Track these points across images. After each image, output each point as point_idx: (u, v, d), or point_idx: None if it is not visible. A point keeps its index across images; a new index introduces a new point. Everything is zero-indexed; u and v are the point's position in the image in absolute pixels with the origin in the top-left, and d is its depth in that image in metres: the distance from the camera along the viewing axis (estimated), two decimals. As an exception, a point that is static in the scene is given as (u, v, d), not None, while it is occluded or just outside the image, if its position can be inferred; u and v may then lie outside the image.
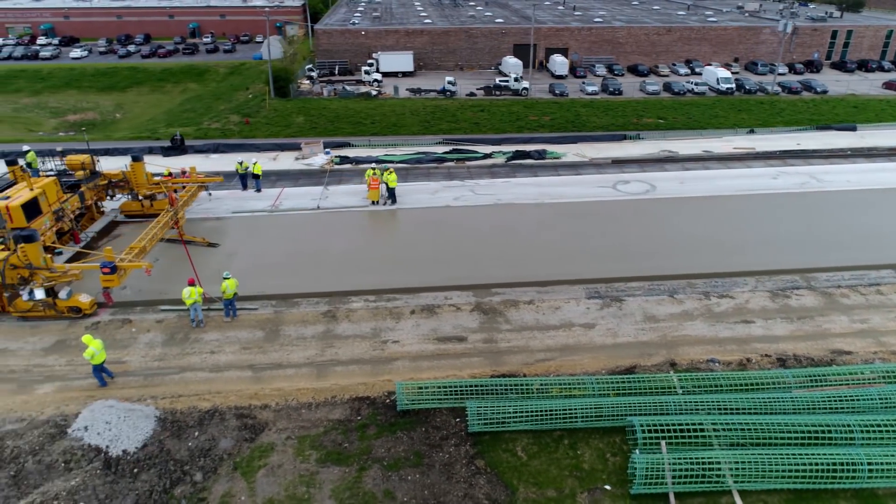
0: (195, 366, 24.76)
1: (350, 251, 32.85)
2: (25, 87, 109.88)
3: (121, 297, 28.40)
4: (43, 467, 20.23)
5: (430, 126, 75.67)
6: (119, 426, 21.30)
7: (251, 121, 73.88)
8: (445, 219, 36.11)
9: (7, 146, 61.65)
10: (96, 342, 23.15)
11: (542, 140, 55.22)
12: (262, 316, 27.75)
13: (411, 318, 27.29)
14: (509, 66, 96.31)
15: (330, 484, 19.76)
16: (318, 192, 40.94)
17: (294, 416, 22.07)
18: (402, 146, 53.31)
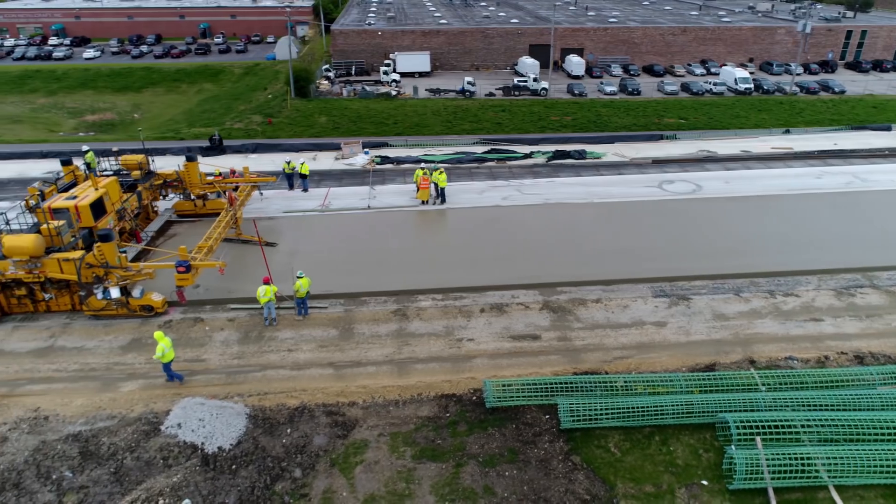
0: (275, 364, 24.93)
1: (409, 250, 33.56)
2: (41, 88, 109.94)
3: (190, 295, 28.53)
4: (142, 464, 20.44)
5: (453, 126, 75.86)
6: (212, 423, 21.50)
7: (273, 121, 74.03)
8: (498, 218, 36.43)
9: (31, 146, 61.71)
10: (167, 340, 23.69)
11: (577, 140, 55.47)
12: (334, 314, 27.98)
13: (482, 317, 27.53)
14: (526, 67, 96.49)
15: (428, 480, 19.97)
16: (364, 192, 41.17)
17: (383, 414, 22.27)
18: (439, 146, 53.48)
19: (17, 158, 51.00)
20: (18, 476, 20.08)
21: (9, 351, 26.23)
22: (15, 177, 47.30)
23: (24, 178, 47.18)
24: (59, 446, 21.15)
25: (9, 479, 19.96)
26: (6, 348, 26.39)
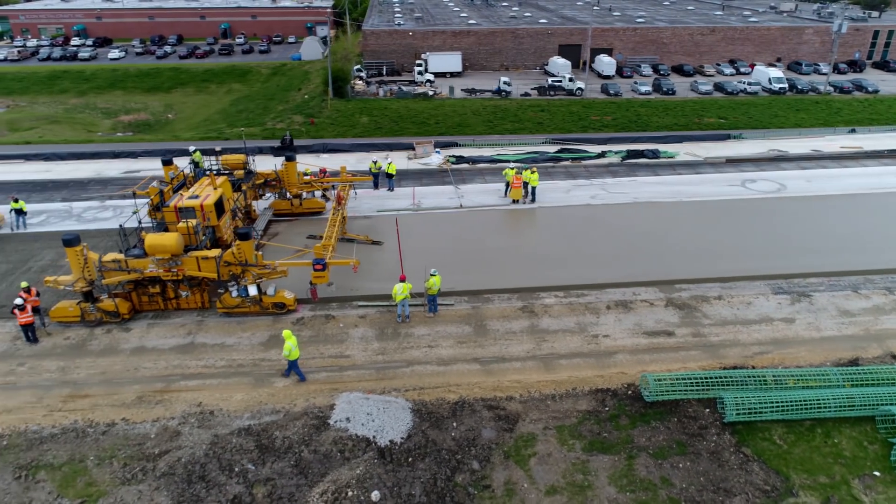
0: (420, 360, 25.49)
1: (514, 248, 34.39)
2: (71, 88, 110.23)
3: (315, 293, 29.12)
4: (320, 457, 20.98)
5: (494, 126, 76.38)
6: (381, 417, 22.05)
7: (315, 121, 74.47)
8: (595, 216, 37.11)
9: (75, 147, 61.96)
10: (293, 339, 24.20)
11: (644, 140, 56.01)
12: (462, 311, 28.52)
13: (610, 314, 28.13)
14: (558, 67, 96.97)
15: (604, 472, 20.55)
16: (448, 191, 41.75)
17: (542, 408, 22.84)
18: (508, 146, 54.01)
19: (88, 158, 51.52)
20: (202, 469, 20.58)
21: (151, 348, 26.72)
22: (94, 176, 47.80)
23: (103, 178, 47.71)
24: (234, 440, 21.62)
25: (194, 472, 20.46)
26: (148, 345, 26.88)
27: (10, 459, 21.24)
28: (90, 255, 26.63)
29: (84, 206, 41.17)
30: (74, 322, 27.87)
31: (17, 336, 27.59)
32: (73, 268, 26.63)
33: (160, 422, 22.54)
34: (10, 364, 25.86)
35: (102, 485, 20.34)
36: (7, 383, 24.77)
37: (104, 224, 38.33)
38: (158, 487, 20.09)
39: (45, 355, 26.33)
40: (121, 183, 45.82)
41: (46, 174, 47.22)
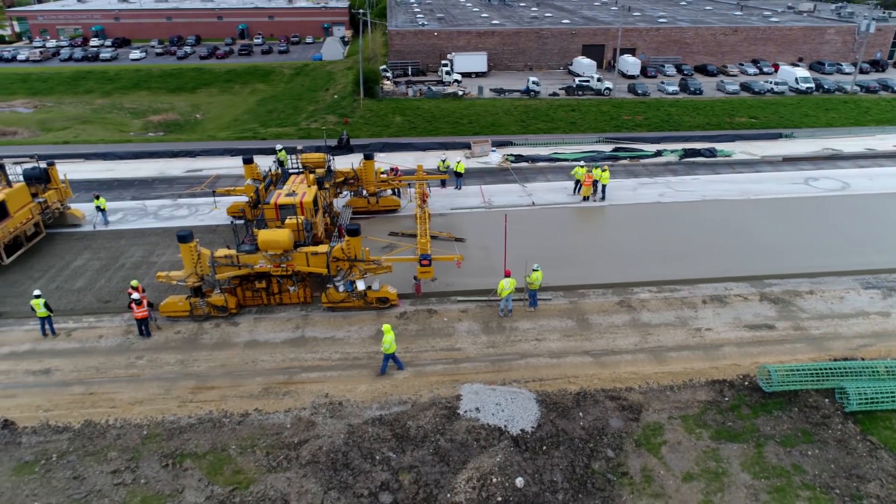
0: (532, 352, 26.18)
1: (597, 244, 35.35)
2: (96, 88, 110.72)
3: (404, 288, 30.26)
4: (457, 445, 21.66)
5: (527, 126, 76.99)
6: (510, 408, 22.75)
7: (349, 120, 75.12)
8: (669, 214, 37.83)
9: (107, 147, 62.51)
10: (392, 333, 24.88)
11: (697, 139, 56.73)
12: (561, 306, 29.25)
13: (707, 308, 28.86)
14: (583, 67, 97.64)
15: (735, 459, 21.26)
16: (516, 189, 42.51)
17: (663, 398, 23.54)
18: (562, 145, 54.71)
19: (147, 158, 52.09)
20: (345, 457, 21.26)
21: (264, 341, 27.40)
22: (158, 175, 48.45)
23: (168, 177, 48.30)
24: (370, 429, 22.29)
25: (338, 460, 21.14)
26: (260, 339, 27.55)
27: (153, 448, 21.83)
28: (203, 251, 27.18)
29: (158, 204, 41.79)
30: (182, 317, 28.47)
31: (127, 330, 28.22)
32: (186, 263, 27.26)
33: (292, 412, 23.13)
34: (128, 357, 26.47)
35: (249, 472, 20.92)
36: (131, 375, 25.39)
37: (181, 222, 38.87)
38: (306, 475, 20.71)
39: (161, 349, 26.95)
40: (186, 182, 46.50)
41: (109, 173, 47.86)
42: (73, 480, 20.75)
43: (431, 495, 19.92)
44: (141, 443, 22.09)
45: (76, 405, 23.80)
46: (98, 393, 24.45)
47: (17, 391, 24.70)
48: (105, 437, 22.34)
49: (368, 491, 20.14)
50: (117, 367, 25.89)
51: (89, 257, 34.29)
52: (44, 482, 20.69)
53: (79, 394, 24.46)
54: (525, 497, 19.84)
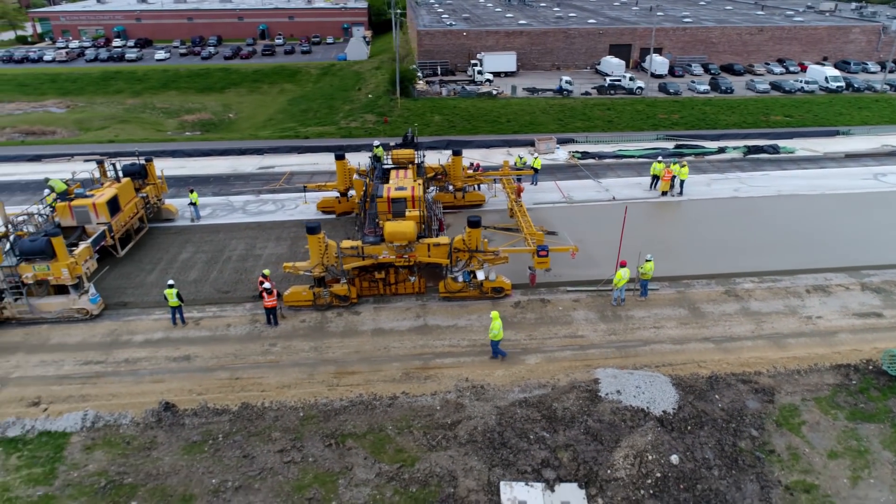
0: (653, 339, 27.30)
1: (688, 237, 36.49)
2: (125, 89, 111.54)
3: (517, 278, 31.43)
4: (606, 425, 22.77)
5: (565, 125, 77.98)
6: (649, 391, 23.83)
7: (389, 120, 76.17)
8: (751, 208, 38.99)
9: (150, 146, 63.54)
10: (500, 321, 25.81)
11: (754, 136, 57.87)
12: (670, 295, 30.35)
13: (812, 297, 30.02)
14: (612, 66, 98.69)
15: (874, 438, 22.40)
16: (590, 185, 43.64)
17: (792, 381, 24.66)
18: (623, 142, 55.78)
19: (217, 155, 53.10)
20: (501, 437, 22.35)
21: (389, 329, 28.49)
22: (231, 172, 49.39)
23: (242, 174, 49.33)
24: (518, 411, 23.38)
25: (494, 440, 22.24)
26: (385, 327, 28.65)
27: (313, 429, 22.89)
28: (330, 243, 28.25)
29: (242, 199, 42.82)
30: (305, 306, 29.50)
31: (253, 319, 29.28)
32: (313, 254, 28.31)
33: (439, 395, 24.18)
34: (262, 345, 27.52)
35: (411, 451, 21.99)
36: (270, 362, 26.43)
37: (270, 217, 39.97)
38: (467, 453, 21.78)
39: (291, 336, 28.00)
40: (260, 178, 47.55)
41: (182, 170, 48.81)
42: (244, 459, 21.74)
43: (592, 471, 20.97)
44: (300, 424, 23.05)
45: (226, 389, 24.76)
46: (244, 378, 25.40)
47: (165, 376, 25.67)
48: (264, 418, 23.28)
49: (531, 468, 21.17)
50: (254, 354, 26.80)
51: (194, 250, 35.26)
52: (215, 460, 21.70)
53: (225, 378, 25.41)
54: (682, 473, 20.88)
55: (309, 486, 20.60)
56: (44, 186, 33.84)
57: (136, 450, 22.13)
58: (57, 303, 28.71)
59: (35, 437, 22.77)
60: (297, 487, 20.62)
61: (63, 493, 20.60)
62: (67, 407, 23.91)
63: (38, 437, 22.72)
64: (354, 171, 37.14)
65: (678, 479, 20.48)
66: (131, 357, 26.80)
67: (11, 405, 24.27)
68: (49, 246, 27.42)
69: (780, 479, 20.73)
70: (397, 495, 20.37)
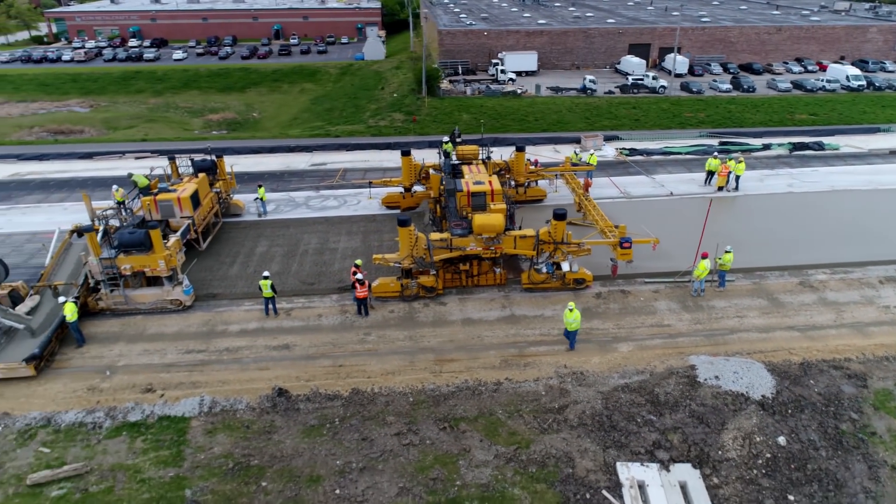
0: (739, 328, 28.19)
1: (752, 230, 37.16)
2: (146, 88, 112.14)
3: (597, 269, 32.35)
4: (709, 409, 23.66)
5: (593, 123, 78.82)
6: (747, 376, 24.71)
7: (417, 118, 77.02)
8: (809, 202, 39.86)
9: (180, 144, 64.11)
10: (577, 311, 26.69)
11: (798, 133, 58.79)
12: (746, 286, 31.28)
13: (886, 287, 30.99)
14: (632, 65, 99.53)
15: (972, 419, 23.12)
16: (646, 180, 44.52)
17: (883, 367, 25.57)
18: (668, 139, 56.66)
19: (266, 153, 53.84)
20: (609, 420, 23.20)
21: (478, 319, 29.37)
22: (285, 169, 50.15)
23: (295, 170, 50.13)
24: (622, 395, 24.23)
25: (604, 423, 23.11)
26: (473, 317, 29.51)
27: (425, 413, 23.71)
28: (420, 235, 29.08)
29: (303, 195, 43.66)
30: (392, 297, 30.31)
31: (342, 310, 30.15)
32: (403, 246, 29.13)
33: (541, 381, 25.04)
34: (356, 334, 28.36)
35: (524, 434, 22.82)
36: (368, 350, 27.28)
37: (335, 211, 40.85)
38: (579, 435, 22.63)
39: (383, 326, 28.84)
40: (314, 175, 48.40)
41: (235, 167, 49.54)
42: (363, 441, 22.56)
43: (703, 452, 21.82)
44: (411, 408, 23.85)
45: (332, 376, 25.58)
46: (347, 365, 26.23)
47: (269, 364, 26.47)
48: (375, 403, 24.11)
49: (644, 449, 22.01)
50: (351, 343, 27.64)
51: (269, 244, 36.06)
52: (335, 443, 22.52)
53: (329, 366, 26.24)
54: (791, 454, 21.74)
55: (431, 468, 21.35)
56: (117, 183, 34.54)
57: (257, 433, 22.79)
58: (151, 294, 29.42)
59: (156, 421, 23.43)
60: (420, 468, 21.38)
61: (193, 475, 21.32)
62: (181, 393, 24.60)
63: (158, 422, 23.38)
64: (422, 167, 37.88)
65: (788, 460, 21.31)
66: (231, 346, 27.45)
67: (126, 391, 24.91)
68: (148, 238, 28.10)
69: (885, 459, 21.44)
70: (517, 475, 21.12)
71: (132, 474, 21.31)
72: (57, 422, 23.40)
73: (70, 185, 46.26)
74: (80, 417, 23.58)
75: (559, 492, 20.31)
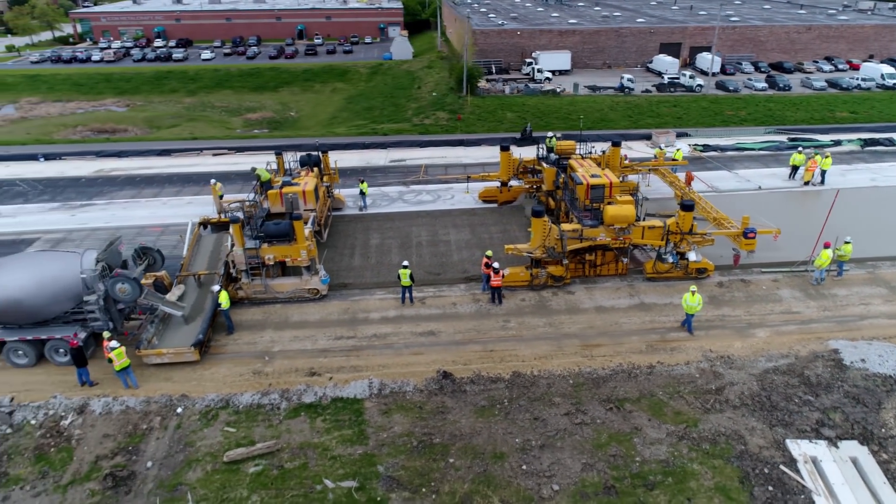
0: (867, 314, 29.48)
1: (849, 222, 36.89)
2: (180, 88, 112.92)
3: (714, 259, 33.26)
4: (862, 390, 24.91)
5: (636, 121, 79.83)
6: (892, 359, 25.81)
7: (462, 116, 78.12)
8: (895, 196, 40.83)
9: (226, 142, 65.20)
10: (697, 297, 27.63)
11: (861, 129, 59.98)
12: (861, 276, 32.66)
13: None
14: (665, 64, 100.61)
15: None
16: (727, 175, 45.79)
17: None
18: (740, 136, 57.78)
19: (342, 149, 54.81)
20: (769, 400, 24.31)
21: (610, 307, 30.52)
22: (365, 165, 51.18)
23: (376, 167, 51.19)
24: (775, 377, 25.33)
25: (764, 403, 24.27)
26: (605, 304, 30.64)
27: (588, 395, 24.77)
28: (552, 226, 30.13)
29: (395, 190, 44.83)
30: (521, 286, 31.36)
31: (474, 298, 31.21)
32: (536, 236, 30.18)
33: (692, 364, 26.10)
34: (496, 321, 29.43)
35: (689, 414, 23.87)
36: (514, 336, 28.35)
37: (430, 206, 41.97)
38: (743, 414, 23.69)
39: (519, 314, 29.91)
40: (396, 171, 49.45)
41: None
42: (535, 421, 23.58)
43: (867, 430, 22.91)
44: (573, 390, 24.90)
45: (487, 360, 26.66)
46: (497, 350, 27.29)
47: (421, 349, 27.53)
48: (538, 385, 25.15)
49: (809, 427, 23.10)
50: (494, 329, 28.69)
51: (380, 237, 37.10)
52: (509, 422, 23.54)
53: (480, 351, 27.30)
54: (951, 432, 22.70)
55: (607, 445, 22.39)
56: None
57: (431, 414, 23.80)
58: (290, 283, 30.42)
59: (329, 402, 24.43)
60: (597, 446, 22.43)
61: (381, 452, 22.34)
62: (348, 376, 25.65)
63: (332, 403, 24.38)
64: (520, 162, 39.78)
65: (950, 438, 22.29)
66: (378, 332, 28.48)
67: (291, 375, 25.92)
68: (292, 229, 29.10)
69: None
70: (693, 452, 22.15)
71: (321, 452, 22.24)
72: (234, 403, 24.26)
73: (156, 181, 47.28)
74: (255, 399, 24.37)
75: (737, 467, 21.30)
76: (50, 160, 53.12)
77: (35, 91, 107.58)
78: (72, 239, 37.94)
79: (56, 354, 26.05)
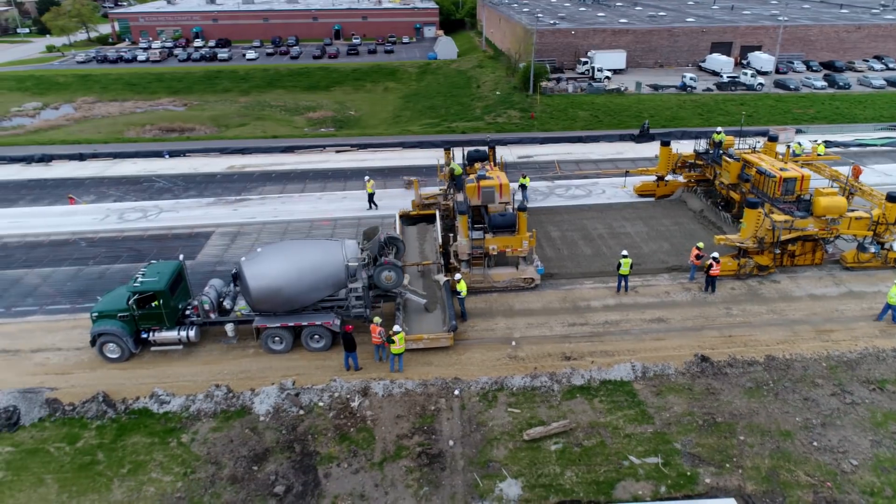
0: None
1: None
2: (232, 87, 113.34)
3: None
4: None
5: (708, 119, 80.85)
6: None
7: (534, 115, 79.25)
8: None
9: (289, 141, 66.35)
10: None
11: None
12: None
13: None
14: (720, 63, 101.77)
15: None
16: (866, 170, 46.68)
17: None
18: (851, 133, 58.92)
19: (413, 148, 56.45)
20: None
21: (821, 295, 31.51)
22: (496, 161, 51.94)
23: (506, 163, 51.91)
24: None
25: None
26: (816, 293, 31.74)
27: (846, 377, 25.79)
28: (765, 218, 31.14)
29: (543, 185, 45.88)
30: (727, 275, 32.35)
31: (683, 287, 32.16)
32: (749, 226, 31.17)
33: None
34: (718, 308, 30.50)
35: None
36: (743, 322, 29.35)
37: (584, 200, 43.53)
38: None
39: (735, 302, 30.98)
40: (526, 166, 50.58)
41: (399, 161, 51.64)
42: (806, 401, 24.59)
43: None
44: (829, 372, 25.85)
45: (732, 344, 27.66)
46: (735, 335, 28.30)
47: (660, 335, 28.62)
48: (793, 368, 26.13)
49: None
50: (720, 316, 29.73)
51: (558, 230, 38.10)
52: (781, 402, 24.55)
53: (719, 336, 28.31)
54: None
55: (885, 423, 23.40)
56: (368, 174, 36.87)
57: (702, 395, 24.78)
58: (507, 273, 31.34)
59: (598, 385, 25.34)
60: (875, 424, 23.39)
61: (670, 430, 23.29)
62: (608, 360, 26.50)
63: (602, 385, 25.31)
64: (679, 157, 41.15)
65: None
66: (609, 320, 29.46)
67: (545, 359, 26.90)
68: (516, 221, 30.04)
69: None
70: (972, 428, 23.01)
71: (612, 430, 23.16)
72: (508, 385, 25.10)
73: (293, 177, 48.80)
74: (527, 382, 25.28)
75: None
76: (174, 157, 53.63)
77: (88, 91, 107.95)
78: (246, 233, 38.80)
79: (311, 340, 26.76)
